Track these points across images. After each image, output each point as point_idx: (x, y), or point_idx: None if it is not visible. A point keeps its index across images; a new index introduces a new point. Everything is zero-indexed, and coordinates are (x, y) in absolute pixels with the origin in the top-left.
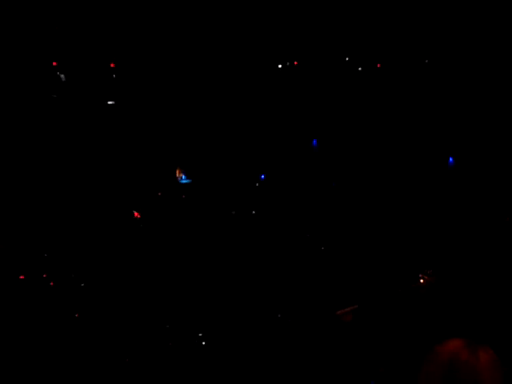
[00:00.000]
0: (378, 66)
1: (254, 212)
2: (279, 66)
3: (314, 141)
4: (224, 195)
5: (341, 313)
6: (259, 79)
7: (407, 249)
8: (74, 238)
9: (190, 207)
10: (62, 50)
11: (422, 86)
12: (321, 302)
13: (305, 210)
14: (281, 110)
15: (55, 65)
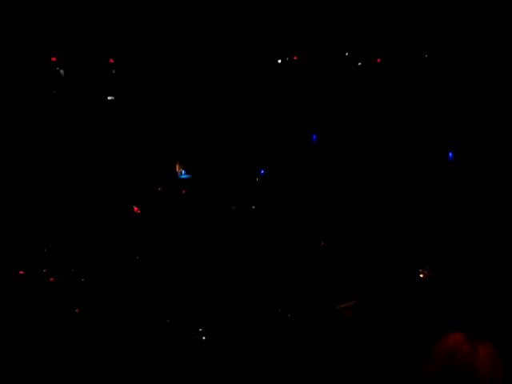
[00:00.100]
0: (378, 61)
1: (253, 207)
2: (278, 60)
3: (314, 136)
4: (224, 190)
5: (340, 308)
6: (258, 74)
7: (407, 243)
8: (74, 233)
9: (190, 202)
10: (61, 45)
11: (421, 81)
12: (320, 296)
13: (304, 204)
14: (280, 104)
15: (54, 60)
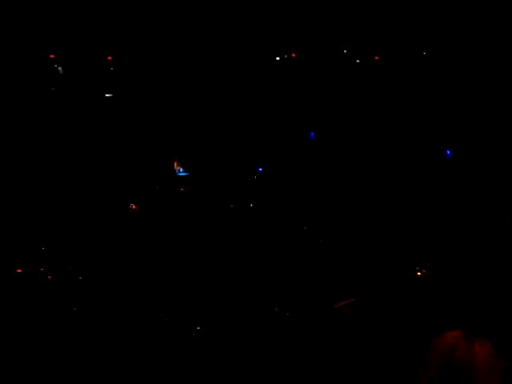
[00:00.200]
0: (376, 58)
1: (251, 205)
2: (277, 58)
3: (312, 133)
4: (222, 188)
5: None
6: (257, 71)
7: (405, 242)
8: (72, 232)
9: (188, 200)
10: (60, 42)
11: (419, 78)
12: (318, 294)
13: (303, 202)
14: (279, 102)
15: (53, 57)
